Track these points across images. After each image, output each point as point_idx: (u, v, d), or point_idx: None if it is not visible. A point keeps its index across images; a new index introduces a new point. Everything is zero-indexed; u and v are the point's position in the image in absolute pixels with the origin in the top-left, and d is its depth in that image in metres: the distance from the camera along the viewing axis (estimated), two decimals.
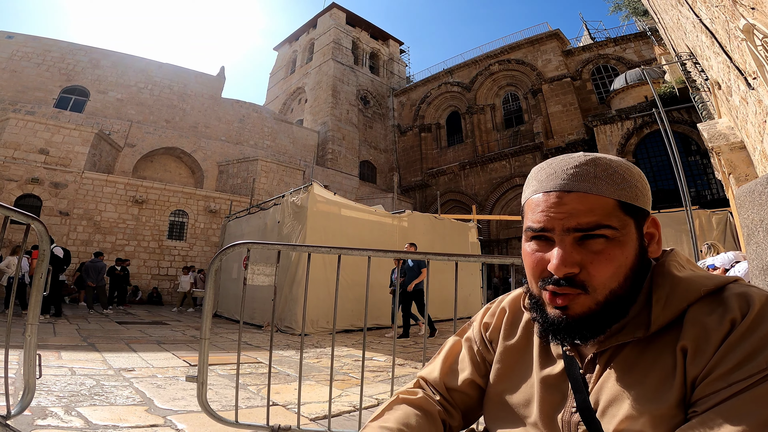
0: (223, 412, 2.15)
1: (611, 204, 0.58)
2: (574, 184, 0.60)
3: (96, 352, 4.38)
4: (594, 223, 0.57)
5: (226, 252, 2.15)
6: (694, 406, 0.50)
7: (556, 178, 0.61)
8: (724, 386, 0.48)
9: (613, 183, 0.59)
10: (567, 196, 0.59)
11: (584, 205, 0.58)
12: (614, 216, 0.58)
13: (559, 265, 0.57)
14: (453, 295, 2.16)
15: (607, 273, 0.57)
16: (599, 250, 0.57)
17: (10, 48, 18.14)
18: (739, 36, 2.32)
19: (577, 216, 0.58)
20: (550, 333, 0.61)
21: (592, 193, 0.59)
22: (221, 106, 22.08)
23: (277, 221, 8.11)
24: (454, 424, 0.77)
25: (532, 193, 0.64)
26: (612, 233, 0.57)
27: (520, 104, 24.66)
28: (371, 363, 4.42)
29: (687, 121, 15.72)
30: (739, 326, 0.50)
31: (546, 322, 0.62)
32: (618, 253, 0.57)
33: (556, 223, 0.59)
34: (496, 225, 22.09)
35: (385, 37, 33.36)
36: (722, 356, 0.50)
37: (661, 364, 0.55)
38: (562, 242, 0.58)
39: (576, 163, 0.61)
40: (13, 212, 1.82)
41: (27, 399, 2.00)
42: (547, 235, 0.60)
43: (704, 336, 0.52)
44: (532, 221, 0.62)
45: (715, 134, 4.99)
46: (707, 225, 9.16)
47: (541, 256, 0.61)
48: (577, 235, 0.58)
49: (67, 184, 13.58)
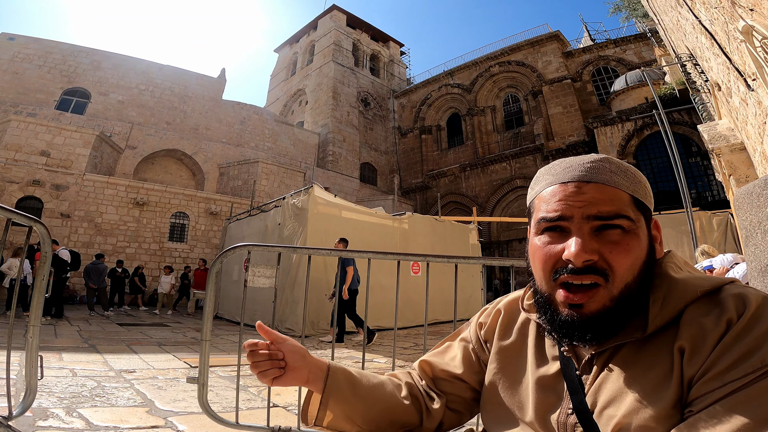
0: (223, 414, 2.15)
1: (627, 197, 0.60)
2: (593, 176, 0.61)
3: (97, 354, 4.39)
4: (614, 212, 0.59)
5: (227, 254, 2.15)
6: (690, 406, 0.50)
7: (573, 171, 0.63)
8: (720, 385, 0.48)
9: (627, 178, 0.62)
10: (586, 186, 0.61)
11: (604, 194, 0.60)
12: (630, 209, 0.60)
13: (579, 251, 0.57)
14: (452, 297, 2.17)
15: (626, 263, 0.58)
16: (617, 241, 0.58)
17: (11, 50, 18.18)
18: (739, 37, 2.33)
19: (597, 204, 0.59)
20: (562, 333, 0.61)
21: (610, 185, 0.61)
22: (222, 108, 22.11)
23: (277, 223, 8.12)
24: (431, 425, 0.78)
25: (545, 186, 0.65)
26: (629, 225, 0.59)
27: (520, 106, 24.67)
28: (371, 365, 4.42)
29: (687, 122, 15.71)
30: (734, 326, 0.51)
31: (557, 321, 0.61)
32: (635, 244, 0.59)
33: (576, 211, 0.60)
34: (496, 227, 22.08)
35: (386, 39, 33.41)
36: (718, 356, 0.50)
37: (658, 364, 0.55)
38: (580, 230, 0.59)
39: (591, 159, 0.64)
40: (15, 214, 1.83)
41: (29, 400, 2.00)
42: (563, 224, 0.61)
43: (701, 336, 0.53)
44: (547, 211, 0.62)
45: (716, 136, 4.99)
46: (708, 227, 9.14)
47: (554, 247, 0.61)
48: (596, 224, 0.59)
49: (68, 186, 13.61)
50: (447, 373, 0.79)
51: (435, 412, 0.77)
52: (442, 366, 0.81)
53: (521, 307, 0.75)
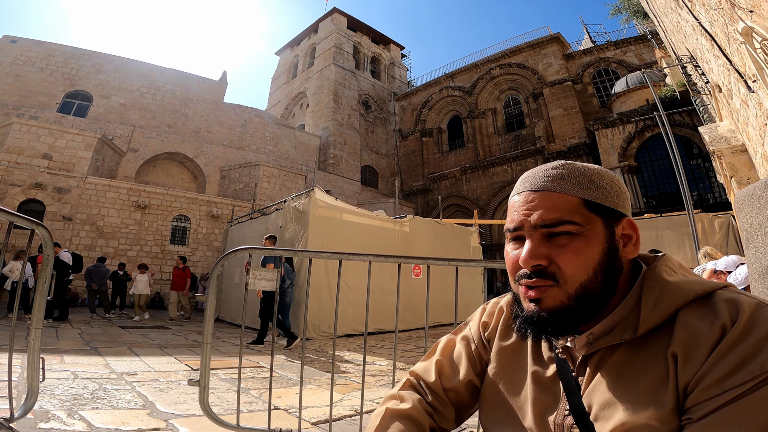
0: (224, 416, 2.15)
1: (575, 202, 0.62)
2: (542, 185, 0.64)
3: (98, 356, 4.39)
4: (557, 219, 0.61)
5: (228, 257, 2.16)
6: (689, 413, 0.50)
7: (530, 181, 0.66)
8: (719, 393, 0.48)
9: (578, 183, 0.63)
10: (534, 194, 0.64)
11: (548, 202, 0.62)
12: (578, 213, 0.61)
13: (526, 258, 0.61)
14: (454, 300, 2.17)
15: (574, 265, 0.60)
16: (564, 244, 0.60)
17: (13, 52, 18.22)
18: (738, 39, 2.33)
19: (541, 212, 0.62)
20: (526, 327, 0.64)
21: (555, 191, 0.63)
22: (223, 110, 22.16)
23: (278, 226, 8.12)
24: (447, 426, 0.78)
25: (513, 196, 0.69)
26: (576, 228, 0.60)
27: (521, 108, 24.69)
28: (372, 367, 4.41)
29: (688, 124, 15.71)
30: (729, 333, 0.50)
31: (522, 316, 0.64)
32: (583, 246, 0.60)
33: (525, 221, 0.63)
34: (498, 229, 22.06)
35: (387, 42, 33.51)
36: (714, 363, 0.50)
37: (653, 368, 0.55)
38: (531, 237, 0.62)
39: (546, 167, 0.67)
40: (17, 218, 1.84)
41: (30, 402, 2.01)
42: (520, 234, 0.64)
43: (694, 342, 0.53)
44: (509, 222, 0.67)
45: (717, 137, 4.99)
46: (710, 229, 9.11)
47: (516, 253, 0.64)
48: (545, 231, 0.61)
49: (70, 189, 13.65)
50: (453, 384, 0.78)
51: (449, 428, 0.79)
52: (447, 376, 0.80)
53: None
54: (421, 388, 0.81)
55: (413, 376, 0.83)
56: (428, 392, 0.79)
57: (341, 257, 2.19)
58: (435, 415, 0.77)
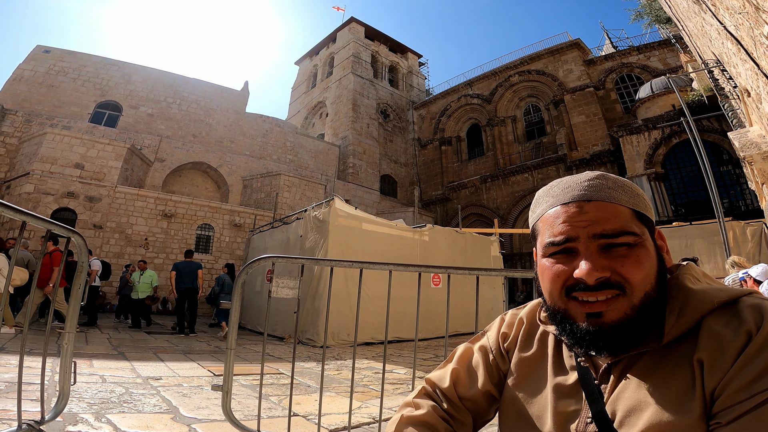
0: (245, 422, 2.18)
1: (628, 212, 0.61)
2: (593, 194, 0.62)
3: (125, 361, 4.51)
4: (618, 229, 0.59)
5: (252, 265, 2.21)
6: (717, 418, 0.50)
7: (573, 190, 0.63)
8: (747, 397, 0.48)
9: (626, 193, 0.63)
10: (587, 204, 0.61)
11: (606, 212, 0.60)
12: (633, 223, 0.60)
13: (590, 270, 0.57)
14: (473, 309, 2.16)
15: (640, 274, 0.58)
16: (626, 254, 0.59)
17: (47, 62, 18.86)
18: (765, 43, 2.27)
19: (601, 223, 0.60)
20: (584, 345, 0.60)
21: (610, 201, 0.61)
22: (245, 120, 22.63)
23: (299, 235, 8.23)
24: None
25: (547, 209, 0.65)
26: (634, 239, 0.59)
27: (541, 115, 24.38)
28: (391, 375, 4.40)
29: (717, 129, 15.20)
30: (755, 338, 0.51)
31: (578, 333, 0.60)
32: (645, 256, 0.59)
33: (581, 231, 0.60)
34: (519, 238, 21.74)
35: (404, 50, 33.75)
36: (741, 368, 0.50)
37: (679, 375, 0.55)
38: (587, 249, 0.59)
39: (588, 177, 0.64)
40: (55, 226, 1.93)
41: (61, 405, 2.08)
42: (570, 246, 0.61)
43: (720, 348, 0.53)
44: (553, 235, 0.63)
45: (747, 143, 4.83)
46: (742, 237, 8.77)
47: (563, 267, 0.61)
48: (602, 242, 0.59)
49: (101, 198, 14.14)
50: (469, 392, 0.78)
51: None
52: (463, 385, 0.80)
53: (538, 320, 0.75)
54: (436, 396, 0.81)
55: (428, 383, 0.84)
56: (443, 399, 0.79)
57: (362, 266, 2.21)
58: (451, 421, 0.77)
